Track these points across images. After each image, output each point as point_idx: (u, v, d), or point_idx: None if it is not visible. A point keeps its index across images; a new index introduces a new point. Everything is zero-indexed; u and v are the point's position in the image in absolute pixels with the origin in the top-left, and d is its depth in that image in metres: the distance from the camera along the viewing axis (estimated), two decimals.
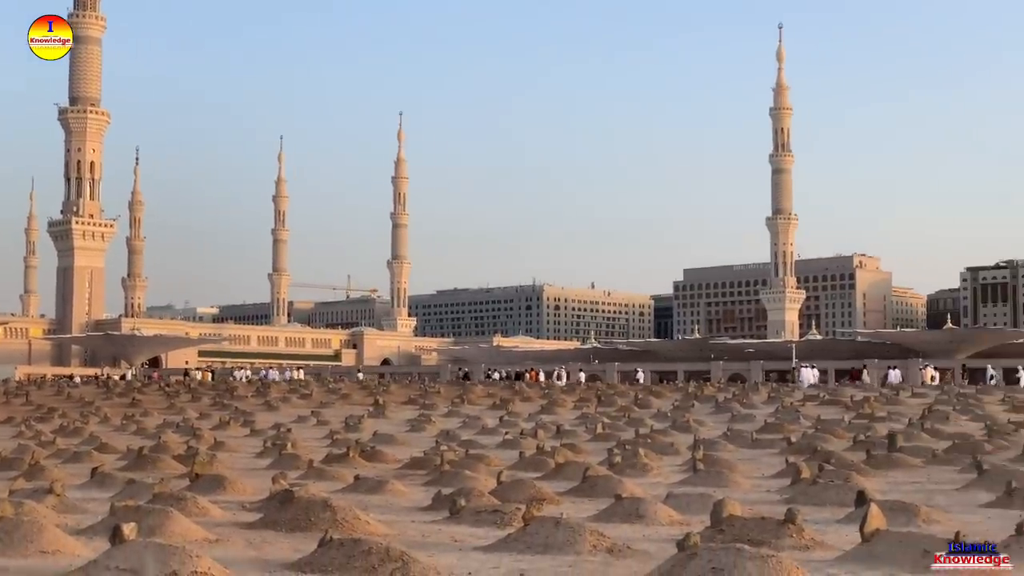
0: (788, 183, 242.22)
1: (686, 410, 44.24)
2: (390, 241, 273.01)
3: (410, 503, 18.10)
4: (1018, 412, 42.49)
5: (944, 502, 17.97)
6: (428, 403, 50.25)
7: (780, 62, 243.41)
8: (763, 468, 24.06)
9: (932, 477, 22.57)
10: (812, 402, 48.69)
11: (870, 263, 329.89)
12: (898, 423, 36.71)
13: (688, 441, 30.36)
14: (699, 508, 15.76)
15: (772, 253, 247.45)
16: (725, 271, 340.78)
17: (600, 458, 25.22)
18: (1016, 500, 17.11)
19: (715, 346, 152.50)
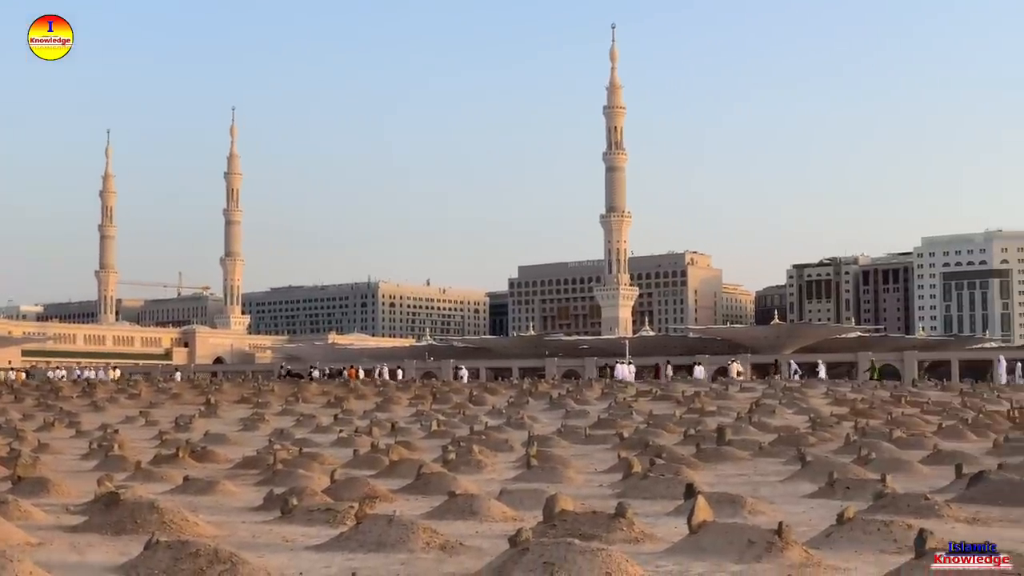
0: (622, 181, 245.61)
1: (520, 407, 44.52)
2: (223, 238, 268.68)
3: (241, 503, 17.81)
4: (840, 406, 43.79)
5: (769, 493, 18.41)
6: (261, 402, 49.60)
7: (613, 62, 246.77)
8: (596, 463, 24.31)
9: (759, 469, 23.11)
10: (645, 398, 49.47)
11: (701, 260, 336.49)
12: (727, 417, 37.52)
13: (522, 437, 30.54)
14: (532, 504, 15.83)
15: (606, 250, 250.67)
16: (560, 268, 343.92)
17: (435, 455, 25.19)
18: (838, 491, 17.60)
19: (550, 343, 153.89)
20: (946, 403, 44.64)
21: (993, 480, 17.16)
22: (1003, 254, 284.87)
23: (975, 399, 46.94)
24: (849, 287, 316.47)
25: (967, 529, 14.10)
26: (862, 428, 31.57)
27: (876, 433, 29.95)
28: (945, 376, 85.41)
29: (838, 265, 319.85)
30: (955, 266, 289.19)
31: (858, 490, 17.42)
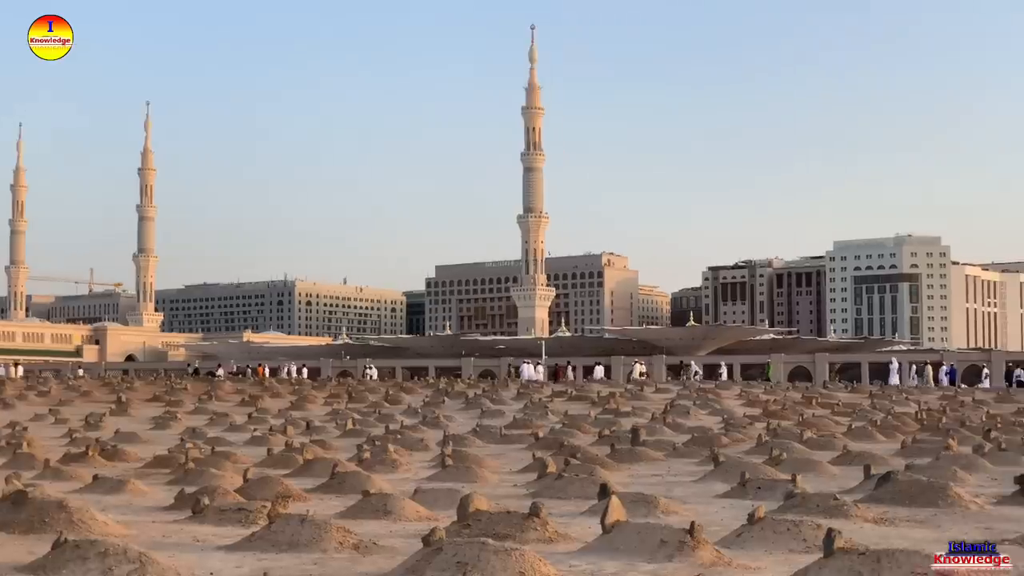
0: (539, 182, 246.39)
1: (436, 406, 44.45)
2: (136, 234, 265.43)
3: (152, 503, 17.60)
4: (753, 407, 44.27)
5: (682, 493, 18.56)
6: (174, 400, 49.00)
7: (532, 62, 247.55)
8: (511, 463, 24.35)
9: (672, 469, 23.29)
10: (560, 398, 49.63)
11: (618, 262, 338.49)
12: (642, 418, 37.76)
13: (438, 437, 30.51)
14: (447, 503, 15.82)
15: (523, 251, 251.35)
16: (477, 268, 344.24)
17: (350, 454, 25.08)
18: (749, 491, 17.80)
19: (466, 343, 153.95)
20: (856, 404, 45.28)
21: (900, 480, 17.45)
22: (913, 258, 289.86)
23: (884, 401, 47.67)
24: (763, 289, 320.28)
25: (874, 529, 14.33)
26: (774, 429, 31.92)
27: (788, 434, 30.28)
28: (855, 378, 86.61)
29: (753, 268, 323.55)
30: (866, 270, 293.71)
31: (769, 490, 17.62)
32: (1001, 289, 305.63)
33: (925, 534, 14.02)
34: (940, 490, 16.90)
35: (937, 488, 17.02)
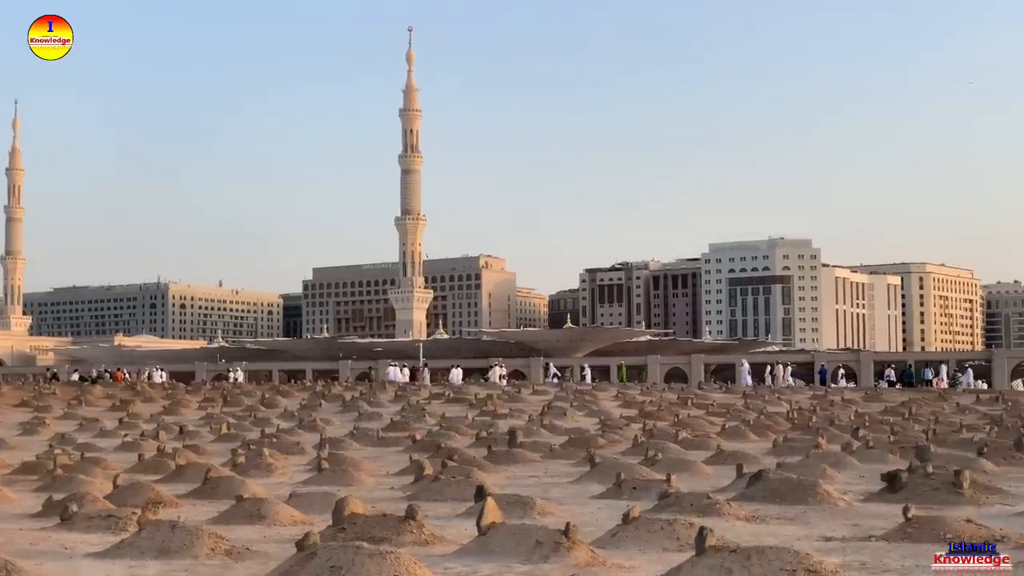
0: (417, 184, 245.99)
1: (313, 409, 44.10)
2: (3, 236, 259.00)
3: (19, 510, 17.18)
4: (630, 408, 44.69)
5: (559, 494, 18.66)
6: (42, 405, 47.88)
7: (410, 64, 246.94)
8: (388, 466, 24.26)
9: (549, 471, 23.41)
10: (438, 400, 49.58)
11: (496, 264, 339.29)
12: (519, 420, 37.90)
13: (314, 440, 30.27)
14: (322, 507, 15.69)
15: (401, 253, 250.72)
16: (354, 270, 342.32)
17: (224, 459, 24.75)
18: (625, 491, 17.96)
19: (344, 345, 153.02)
20: (730, 405, 45.99)
21: (771, 479, 17.77)
22: (785, 260, 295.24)
23: (757, 401, 48.48)
24: (640, 291, 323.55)
25: (746, 526, 14.55)
26: (650, 430, 32.28)
27: (663, 434, 30.65)
28: (730, 379, 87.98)
29: (630, 270, 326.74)
30: (740, 272, 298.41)
31: (644, 490, 17.80)
32: (869, 291, 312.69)
33: (795, 531, 14.29)
34: (809, 488, 17.25)
35: (807, 486, 17.36)
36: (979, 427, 35.22)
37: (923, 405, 45.88)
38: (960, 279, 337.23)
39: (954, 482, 17.34)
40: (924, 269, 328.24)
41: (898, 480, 17.55)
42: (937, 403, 47.75)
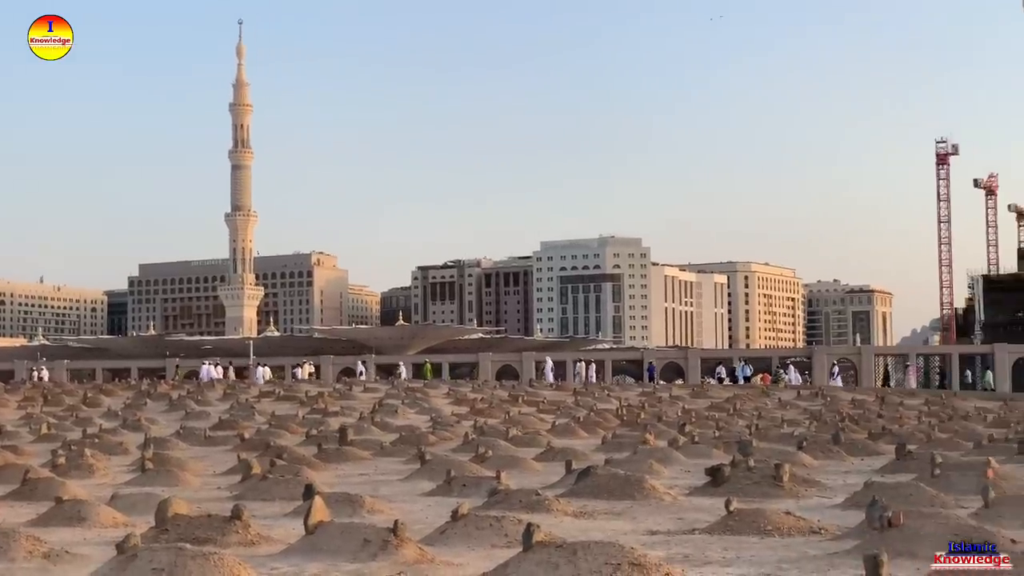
0: (247, 179, 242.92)
1: (138, 408, 43.15)
2: None
3: None
4: (461, 405, 44.77)
5: (389, 492, 18.60)
6: None
7: (240, 58, 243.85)
8: (215, 465, 23.87)
9: (380, 468, 23.33)
10: (268, 398, 48.96)
11: (328, 261, 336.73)
12: (350, 417, 37.67)
13: (139, 440, 29.59)
14: (145, 509, 15.34)
15: (231, 250, 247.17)
16: (183, 267, 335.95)
17: (44, 460, 24.03)
18: (455, 488, 17.99)
19: (171, 343, 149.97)
20: (560, 402, 46.41)
21: (600, 475, 17.99)
22: (615, 259, 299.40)
23: (587, 398, 49.03)
24: (472, 289, 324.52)
25: (574, 522, 14.70)
26: (480, 427, 32.40)
27: (494, 432, 30.80)
28: (561, 376, 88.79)
29: (462, 267, 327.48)
30: (571, 270, 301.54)
31: (474, 487, 17.85)
32: (697, 289, 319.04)
33: (621, 525, 14.49)
34: (636, 483, 17.52)
35: (634, 481, 17.63)
36: (799, 422, 36.28)
37: (747, 401, 47.04)
38: (783, 278, 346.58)
39: (774, 475, 17.80)
40: (749, 268, 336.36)
41: (721, 474, 17.94)
42: (760, 399, 48.98)
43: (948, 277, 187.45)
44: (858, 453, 25.57)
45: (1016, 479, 18.96)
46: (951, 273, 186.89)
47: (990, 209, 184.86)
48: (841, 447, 25.78)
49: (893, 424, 34.49)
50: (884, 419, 36.89)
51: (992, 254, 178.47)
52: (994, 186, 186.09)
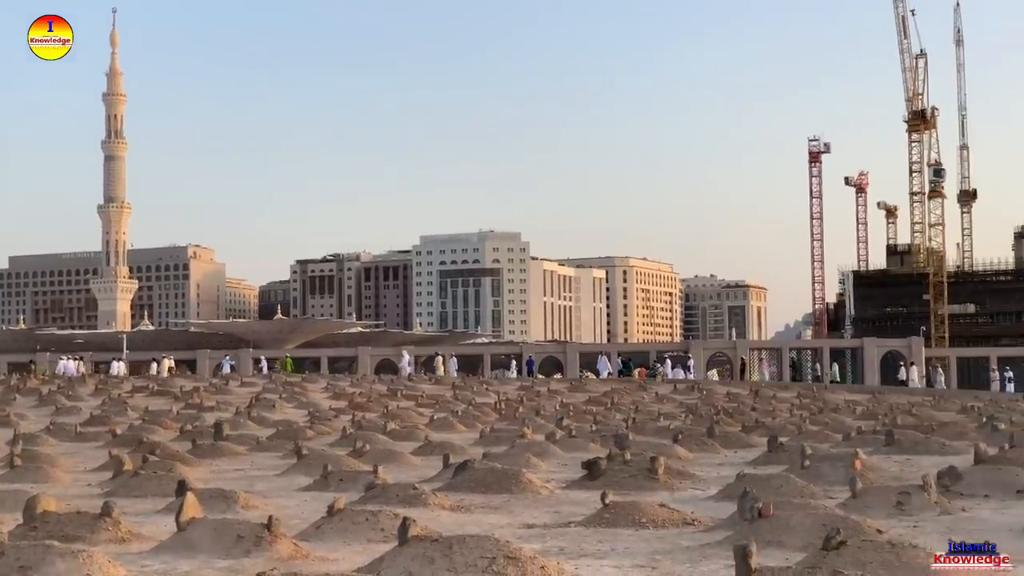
0: (121, 171, 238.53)
1: (7, 404, 42.09)
2: None
3: None
4: (339, 399, 44.53)
5: (265, 487, 18.43)
6: None
7: (114, 47, 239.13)
8: (87, 462, 23.43)
9: (256, 464, 23.11)
10: (141, 393, 48.15)
11: (204, 254, 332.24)
12: (226, 412, 37.22)
13: (8, 436, 28.88)
14: (13, 505, 14.99)
15: (104, 242, 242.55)
16: (53, 259, 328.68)
17: None
18: (331, 483, 17.90)
19: (42, 337, 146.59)
20: (439, 396, 46.40)
21: (477, 468, 18.03)
22: (495, 253, 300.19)
23: (466, 392, 49.11)
24: (352, 283, 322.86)
25: (451, 516, 14.72)
26: (359, 421, 32.27)
27: (372, 426, 30.67)
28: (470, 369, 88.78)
29: (341, 261, 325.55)
30: (451, 264, 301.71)
31: (351, 482, 17.77)
32: (576, 283, 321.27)
33: (498, 519, 14.55)
34: (514, 477, 17.60)
35: (511, 475, 17.71)
36: (675, 415, 36.76)
37: (625, 395, 47.49)
38: (661, 273, 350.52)
39: (650, 469, 18.01)
40: (627, 263, 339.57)
41: (597, 467, 18.10)
42: (638, 393, 49.50)
43: (820, 273, 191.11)
44: (732, 446, 26.00)
45: (883, 470, 19.45)
46: (823, 269, 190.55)
47: (860, 207, 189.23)
48: (715, 440, 26.20)
49: (766, 417, 35.16)
50: (757, 412, 37.57)
51: (862, 251, 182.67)
52: (864, 184, 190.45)
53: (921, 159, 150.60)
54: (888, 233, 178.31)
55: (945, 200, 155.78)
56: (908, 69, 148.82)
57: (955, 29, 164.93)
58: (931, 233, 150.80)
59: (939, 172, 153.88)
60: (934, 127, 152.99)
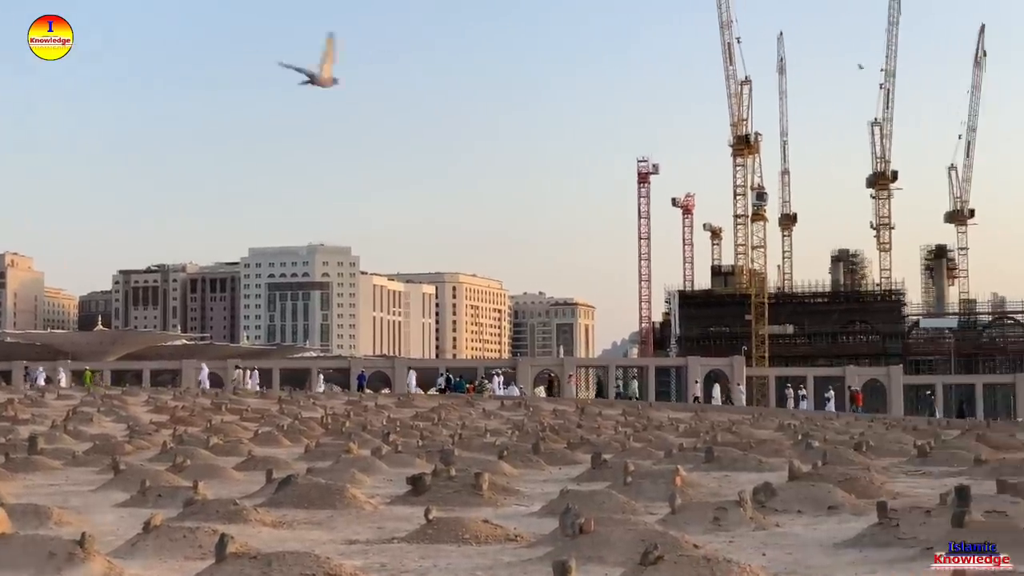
0: None
1: None
2: None
3: None
4: (161, 413, 43.62)
5: (80, 503, 17.92)
6: None
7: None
8: None
9: (71, 479, 22.47)
10: None
11: (22, 263, 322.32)
12: (41, 426, 36.10)
13: None
14: None
15: None
16: None
17: None
18: (149, 498, 17.49)
19: None
20: (265, 410, 45.78)
21: (300, 484, 17.82)
22: (324, 267, 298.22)
23: (292, 406, 48.57)
24: (177, 294, 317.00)
25: (272, 532, 14.52)
26: (180, 436, 31.62)
27: (195, 440, 30.08)
28: (267, 384, 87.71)
29: (166, 272, 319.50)
30: (280, 277, 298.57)
31: (170, 497, 17.39)
32: (406, 299, 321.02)
33: (320, 535, 14.41)
34: (338, 492, 17.44)
35: (335, 491, 17.55)
36: (502, 432, 36.94)
37: (452, 410, 47.55)
38: (490, 289, 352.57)
39: (474, 484, 18.04)
40: (457, 279, 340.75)
41: (422, 483, 18.06)
42: (465, 409, 49.61)
43: (647, 292, 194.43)
44: (557, 462, 26.21)
45: (702, 486, 19.84)
46: (650, 288, 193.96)
47: (687, 228, 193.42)
48: (540, 456, 26.37)
49: (591, 434, 35.56)
50: (583, 429, 37.98)
51: (688, 271, 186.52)
52: (691, 206, 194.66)
53: (745, 183, 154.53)
54: (713, 254, 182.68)
55: (767, 223, 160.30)
56: (733, 95, 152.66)
57: (778, 57, 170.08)
58: (754, 255, 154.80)
59: (762, 196, 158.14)
60: (757, 152, 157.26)
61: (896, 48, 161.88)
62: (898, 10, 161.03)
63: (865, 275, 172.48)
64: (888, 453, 28.36)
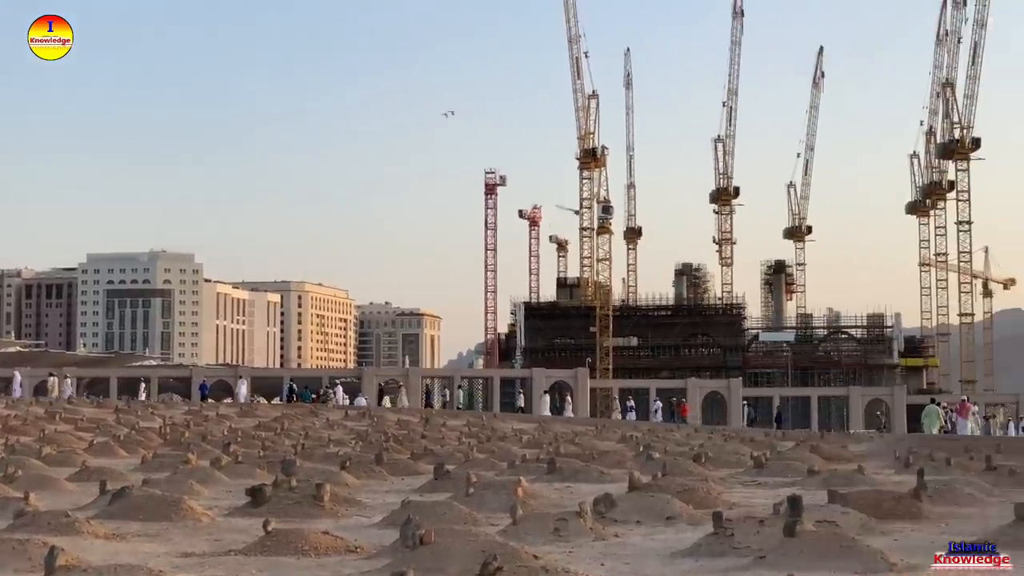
0: None
1: None
2: None
3: None
4: None
5: None
6: None
7: None
8: None
9: None
10: None
11: None
12: None
13: None
14: None
15: None
16: None
17: None
18: None
19: None
20: (101, 420, 44.73)
21: (135, 495, 17.46)
22: (166, 274, 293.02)
23: (130, 416, 47.55)
24: (12, 300, 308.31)
25: (105, 545, 14.19)
26: (12, 445, 30.72)
27: (27, 450, 29.25)
28: (104, 393, 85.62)
29: (0, 277, 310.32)
30: (119, 284, 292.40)
31: (0, 509, 16.88)
32: (250, 307, 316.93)
33: (155, 548, 14.14)
34: (174, 504, 17.13)
35: (171, 502, 17.23)
36: (346, 442, 36.71)
37: (295, 420, 47.09)
38: (336, 299, 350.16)
39: (315, 495, 17.89)
40: (303, 288, 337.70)
41: (262, 494, 17.84)
42: (309, 419, 49.16)
43: (493, 303, 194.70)
44: (400, 473, 26.14)
45: (544, 497, 19.98)
46: (496, 299, 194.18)
47: (533, 239, 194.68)
48: (383, 467, 26.28)
49: (435, 444, 35.55)
50: (427, 439, 37.94)
51: (534, 282, 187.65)
52: (537, 218, 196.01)
53: (591, 196, 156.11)
54: (559, 266, 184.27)
55: (613, 236, 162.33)
56: (581, 108, 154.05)
57: (625, 72, 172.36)
58: (599, 268, 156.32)
59: (607, 209, 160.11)
60: (604, 165, 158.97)
61: (739, 67, 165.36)
62: (740, 30, 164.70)
63: (708, 289, 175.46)
64: (726, 464, 28.95)
